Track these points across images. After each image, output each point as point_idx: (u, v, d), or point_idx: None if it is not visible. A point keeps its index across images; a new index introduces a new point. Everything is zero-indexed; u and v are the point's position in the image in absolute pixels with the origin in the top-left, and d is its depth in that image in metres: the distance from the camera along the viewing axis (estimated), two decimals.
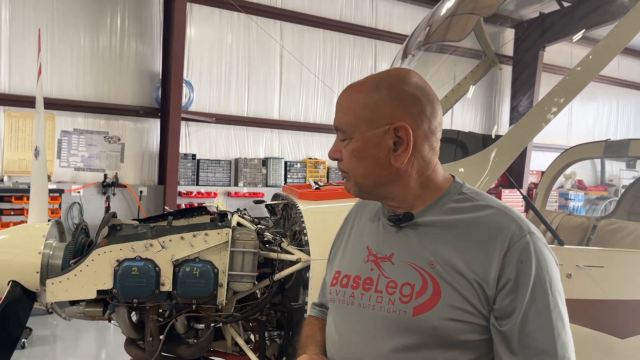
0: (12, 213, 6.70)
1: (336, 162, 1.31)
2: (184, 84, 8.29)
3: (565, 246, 2.46)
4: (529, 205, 2.52)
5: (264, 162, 9.46)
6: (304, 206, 2.42)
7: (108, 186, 7.91)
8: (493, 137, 2.46)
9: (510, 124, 11.61)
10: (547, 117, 2.33)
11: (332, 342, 1.33)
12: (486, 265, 1.12)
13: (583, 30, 3.30)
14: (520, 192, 2.67)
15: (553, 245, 2.33)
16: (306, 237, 2.27)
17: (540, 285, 1.11)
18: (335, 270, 1.37)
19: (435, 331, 1.13)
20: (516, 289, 1.11)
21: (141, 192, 8.21)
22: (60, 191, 7.05)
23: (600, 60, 2.31)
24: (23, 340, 5.37)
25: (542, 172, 4.39)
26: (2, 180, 7.17)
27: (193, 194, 8.74)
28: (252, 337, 2.56)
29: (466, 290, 1.13)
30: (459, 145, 2.75)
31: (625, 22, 2.28)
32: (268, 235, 2.41)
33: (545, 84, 10.48)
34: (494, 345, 1.15)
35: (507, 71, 11.51)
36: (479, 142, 2.62)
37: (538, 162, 11.69)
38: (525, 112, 2.42)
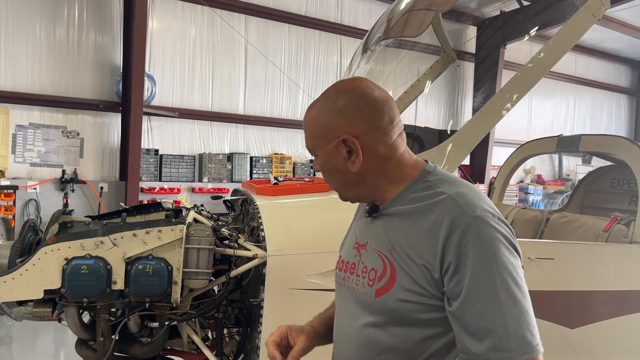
0: None
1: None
2: (145, 78, 8.10)
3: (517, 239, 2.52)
4: None
5: (229, 157, 9.35)
6: (261, 202, 2.40)
7: (66, 182, 7.67)
8: (449, 132, 2.50)
9: None
10: (500, 112, 2.38)
11: (335, 321, 1.50)
12: (432, 250, 1.20)
13: (536, 28, 3.37)
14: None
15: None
16: (263, 233, 2.25)
17: (484, 266, 1.15)
18: (340, 255, 1.54)
19: (392, 312, 1.26)
20: (458, 271, 1.17)
21: (102, 188, 8.00)
22: (15, 187, 6.80)
23: (551, 57, 2.37)
24: None
25: (500, 167, 4.49)
26: None
27: (156, 190, 8.57)
28: (209, 334, 2.53)
29: (417, 274, 1.22)
30: (416, 140, 2.78)
31: (574, 20, 2.35)
32: (225, 232, 2.39)
33: (506, 80, 10.70)
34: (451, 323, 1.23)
35: (469, 68, 11.72)
36: (435, 137, 2.66)
37: (500, 157, 11.97)
38: None
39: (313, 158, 1.42)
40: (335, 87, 1.37)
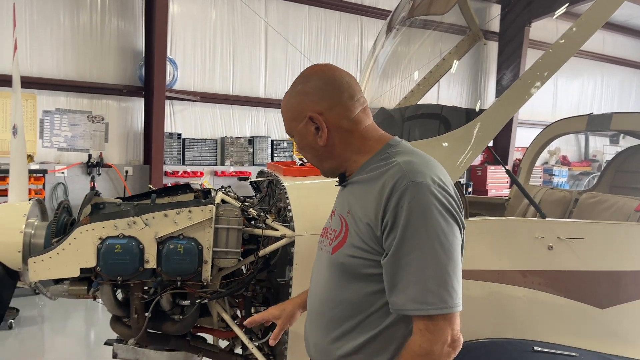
0: None
1: None
2: (167, 62, 8.16)
3: (547, 219, 2.49)
4: (512, 180, 2.54)
5: (251, 140, 9.40)
6: (288, 182, 2.41)
7: (93, 166, 7.81)
8: (477, 110, 2.46)
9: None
10: (530, 90, 2.33)
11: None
12: (375, 210, 1.34)
13: (566, 5, 3.27)
14: (504, 166, 2.69)
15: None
16: (290, 213, 2.27)
17: (414, 226, 1.27)
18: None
19: (342, 266, 1.43)
20: (393, 229, 1.30)
21: (127, 172, 8.13)
22: (44, 172, 6.95)
23: (584, 32, 2.31)
24: (10, 320, 5.35)
25: (527, 149, 4.42)
26: None
27: (179, 174, 8.68)
28: (238, 313, 2.58)
29: (363, 232, 1.38)
30: (443, 120, 2.75)
31: None
32: (252, 212, 2.41)
33: (531, 59, 10.47)
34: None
35: (493, 47, 11.48)
36: (462, 117, 2.62)
37: (523, 138, 11.76)
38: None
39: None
40: (301, 74, 1.56)
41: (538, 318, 2.41)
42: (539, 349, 2.32)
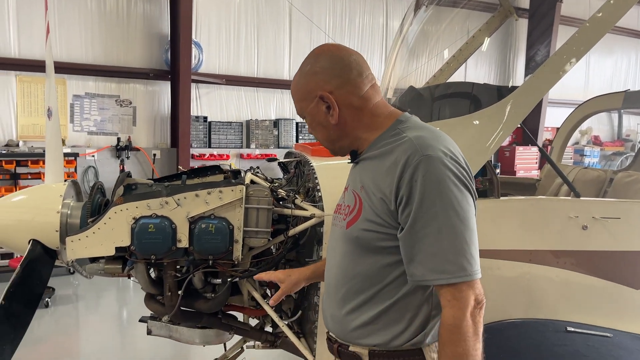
0: (29, 177, 6.79)
1: None
2: (192, 45, 8.19)
3: (581, 198, 2.44)
4: (544, 158, 2.49)
5: (275, 123, 9.41)
6: (316, 163, 2.42)
7: (122, 150, 7.95)
8: (509, 88, 2.41)
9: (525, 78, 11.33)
10: (565, 66, 2.27)
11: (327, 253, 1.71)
12: (389, 185, 1.37)
13: None
14: (537, 144, 2.63)
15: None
16: (319, 194, 2.27)
17: (429, 199, 1.30)
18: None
19: (357, 240, 1.45)
20: (408, 203, 1.33)
21: (154, 155, 8.25)
22: (75, 155, 7.11)
23: (622, 4, 2.22)
24: (46, 299, 5.54)
25: (557, 129, 4.30)
26: (17, 145, 7.25)
27: (206, 157, 8.77)
28: (267, 291, 2.61)
29: (377, 206, 1.40)
30: (473, 98, 2.70)
31: None
32: (282, 192, 2.42)
33: (563, 36, 10.17)
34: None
35: (523, 24, 11.17)
36: (493, 94, 2.57)
37: (553, 118, 11.49)
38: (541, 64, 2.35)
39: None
40: (309, 55, 1.56)
41: (571, 298, 2.38)
42: (572, 329, 2.29)
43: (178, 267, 2.29)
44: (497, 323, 2.26)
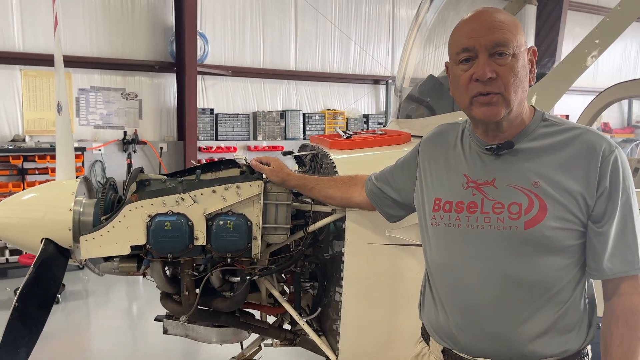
0: (37, 172, 6.75)
1: (477, 82, 1.34)
2: (198, 37, 8.09)
3: None
4: None
5: (282, 114, 9.32)
6: (336, 156, 2.33)
7: (128, 143, 7.88)
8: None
9: None
10: (587, 61, 2.19)
11: (442, 265, 1.48)
12: (586, 177, 1.32)
13: None
14: None
15: None
16: None
17: (627, 192, 1.34)
18: (434, 197, 1.50)
19: (546, 239, 1.33)
20: (610, 195, 1.32)
21: (161, 148, 8.18)
22: (82, 149, 7.05)
23: None
24: (57, 295, 5.52)
25: (567, 117, 4.20)
26: (24, 140, 7.19)
27: (213, 149, 8.70)
28: (286, 288, 2.55)
29: (569, 202, 1.33)
30: None
31: None
32: None
33: (571, 22, 10.00)
34: (590, 245, 1.36)
35: (531, 10, 10.99)
36: None
37: (563, 105, 11.33)
38: (550, 52, 2.26)
39: (491, 56, 1.32)
40: (487, 7, 1.36)
41: None
42: None
43: (195, 265, 2.23)
44: None
